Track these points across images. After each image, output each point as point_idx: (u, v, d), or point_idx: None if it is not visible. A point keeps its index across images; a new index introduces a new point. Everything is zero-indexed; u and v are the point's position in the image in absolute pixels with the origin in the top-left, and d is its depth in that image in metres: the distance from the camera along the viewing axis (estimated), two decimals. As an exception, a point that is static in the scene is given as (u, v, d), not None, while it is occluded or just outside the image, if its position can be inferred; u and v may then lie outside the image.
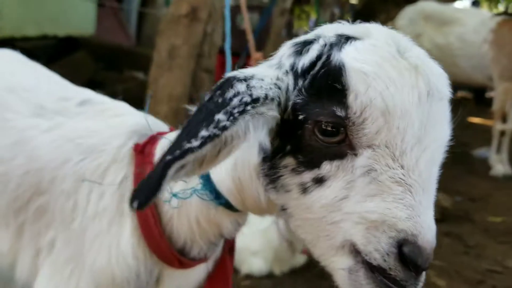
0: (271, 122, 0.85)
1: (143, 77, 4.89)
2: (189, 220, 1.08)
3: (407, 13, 6.10)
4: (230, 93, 0.79)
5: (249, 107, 0.78)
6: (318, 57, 0.83)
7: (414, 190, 0.76)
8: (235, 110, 0.77)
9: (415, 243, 0.72)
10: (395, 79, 0.77)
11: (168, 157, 0.75)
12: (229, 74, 0.84)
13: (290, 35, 9.18)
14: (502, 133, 5.34)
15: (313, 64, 0.83)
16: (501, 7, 17.26)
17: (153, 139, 1.15)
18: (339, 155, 0.80)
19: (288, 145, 0.85)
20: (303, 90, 0.83)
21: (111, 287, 1.11)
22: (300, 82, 0.83)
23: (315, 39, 0.88)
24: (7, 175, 1.25)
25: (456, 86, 13.14)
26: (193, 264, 1.15)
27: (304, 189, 0.83)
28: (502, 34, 5.23)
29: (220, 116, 0.77)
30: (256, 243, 2.67)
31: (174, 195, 1.04)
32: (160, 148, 1.10)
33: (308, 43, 0.88)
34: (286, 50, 0.91)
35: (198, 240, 1.10)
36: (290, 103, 0.84)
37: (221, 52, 4.31)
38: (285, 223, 2.52)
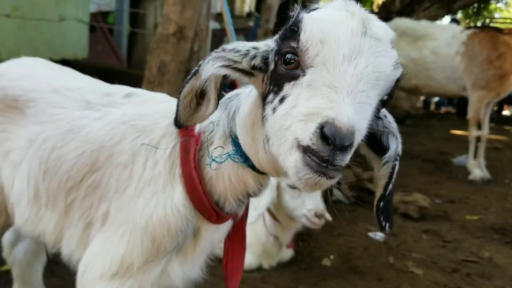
0: (259, 76, 1.16)
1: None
2: (223, 179, 1.30)
3: (384, 30, 6.41)
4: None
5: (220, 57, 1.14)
6: (291, 19, 1.10)
7: (339, 91, 0.96)
8: (207, 59, 1.14)
9: (332, 124, 0.91)
10: (334, 20, 1.03)
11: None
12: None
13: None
14: (478, 140, 5.61)
15: (289, 24, 1.11)
16: (479, 25, 17.87)
17: None
18: (294, 77, 1.04)
19: (271, 85, 1.11)
20: (278, 40, 1.11)
21: (166, 235, 1.32)
22: (277, 38, 1.12)
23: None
24: (59, 159, 1.47)
25: (440, 102, 13.45)
26: (227, 218, 1.37)
27: (274, 110, 1.07)
28: (473, 46, 5.56)
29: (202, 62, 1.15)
30: (245, 239, 2.86)
31: (213, 159, 1.28)
32: (207, 121, 1.34)
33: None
34: None
35: (229, 197, 1.32)
36: (272, 52, 1.13)
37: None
38: (271, 220, 2.72)
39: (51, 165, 1.49)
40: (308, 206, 2.60)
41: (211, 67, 1.14)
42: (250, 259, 2.84)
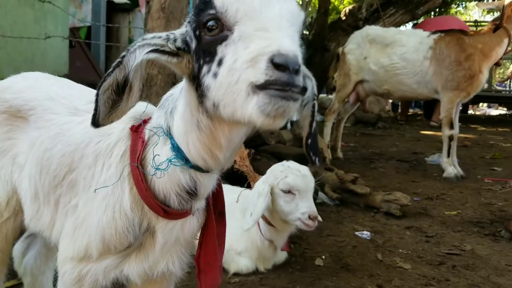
0: (184, 57, 1.24)
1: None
2: (163, 178, 1.38)
3: (354, 37, 6.65)
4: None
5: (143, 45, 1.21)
6: None
7: (271, 30, 1.06)
8: (131, 49, 1.20)
9: (279, 53, 1.00)
10: None
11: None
12: None
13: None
14: (451, 138, 5.86)
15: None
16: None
17: (144, 121, 1.48)
18: (224, 38, 1.11)
19: (200, 60, 1.19)
20: (192, 18, 1.21)
21: (114, 236, 1.42)
22: (192, 18, 1.22)
23: None
24: (49, 159, 1.61)
25: (408, 104, 13.91)
26: (176, 213, 1.43)
27: (215, 74, 1.12)
28: (441, 50, 5.82)
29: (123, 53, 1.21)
30: (241, 244, 2.93)
31: (157, 168, 1.36)
32: (149, 126, 1.43)
33: None
34: None
35: (171, 194, 1.39)
36: (191, 32, 1.22)
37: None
38: (265, 225, 2.81)
39: (44, 165, 1.63)
40: (302, 209, 2.70)
41: (140, 53, 1.19)
42: (247, 263, 2.93)
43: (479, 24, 14.49)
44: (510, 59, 14.16)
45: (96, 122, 1.24)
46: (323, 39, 10.98)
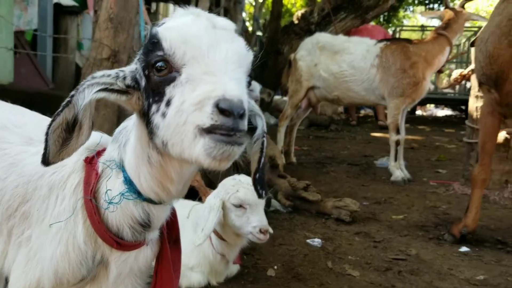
0: (134, 94, 1.26)
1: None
2: (116, 211, 1.40)
3: (305, 44, 6.77)
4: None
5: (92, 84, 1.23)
6: (147, 37, 1.24)
7: (217, 73, 1.10)
8: (80, 88, 1.22)
9: (224, 98, 1.04)
10: (187, 23, 1.19)
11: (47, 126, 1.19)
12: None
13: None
14: (398, 143, 6.08)
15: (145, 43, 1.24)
16: (391, 32, 19.06)
17: (98, 153, 1.49)
18: (172, 79, 1.15)
19: (149, 99, 1.22)
20: (141, 57, 1.24)
21: (67, 269, 1.43)
22: (140, 58, 1.24)
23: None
24: (3, 190, 1.58)
25: (355, 107, 14.32)
26: (130, 245, 1.45)
27: (163, 114, 1.15)
28: (387, 58, 6.03)
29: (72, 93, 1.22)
30: (193, 259, 2.94)
31: (110, 202, 1.38)
32: (103, 159, 1.45)
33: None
34: None
35: (124, 226, 1.41)
36: (140, 70, 1.24)
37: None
38: (217, 239, 2.83)
39: None
40: (253, 223, 2.73)
41: (89, 93, 1.21)
42: (199, 278, 2.94)
43: (425, 28, 15.05)
44: (462, 63, 14.82)
45: (46, 161, 1.25)
46: (276, 42, 11.12)
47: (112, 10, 3.62)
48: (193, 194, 3.37)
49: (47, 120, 1.72)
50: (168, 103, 1.14)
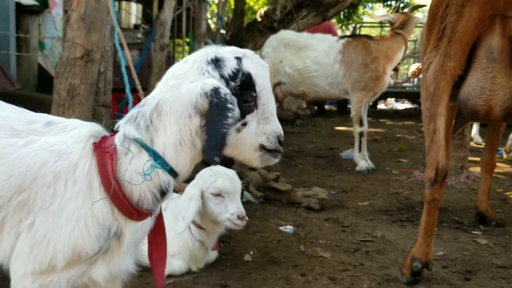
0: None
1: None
2: (145, 181, 1.59)
3: (270, 41, 6.97)
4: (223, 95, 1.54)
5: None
6: (236, 69, 1.59)
7: (274, 115, 1.67)
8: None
9: (281, 135, 1.68)
10: (262, 72, 1.67)
11: (223, 130, 1.49)
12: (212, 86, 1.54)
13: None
14: (361, 135, 6.36)
15: (234, 73, 1.59)
16: (351, 28, 19.55)
17: (104, 138, 1.66)
18: (251, 110, 1.62)
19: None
20: (237, 87, 1.58)
21: (87, 242, 1.55)
22: (232, 84, 1.58)
23: (220, 58, 1.61)
24: None
25: (323, 101, 14.69)
26: (145, 213, 1.64)
27: (238, 130, 1.60)
28: (349, 53, 6.30)
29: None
30: (174, 247, 3.06)
31: (145, 174, 1.57)
32: (114, 142, 1.61)
33: (217, 61, 1.61)
34: (198, 66, 1.61)
35: (148, 195, 1.61)
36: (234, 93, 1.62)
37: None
38: (195, 228, 2.97)
39: None
40: (231, 210, 2.89)
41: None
42: (180, 265, 3.07)
43: (383, 25, 15.58)
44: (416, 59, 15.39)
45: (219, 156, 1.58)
46: (240, 40, 11.25)
47: (77, 10, 3.64)
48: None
49: (28, 112, 1.82)
50: (244, 124, 1.59)
